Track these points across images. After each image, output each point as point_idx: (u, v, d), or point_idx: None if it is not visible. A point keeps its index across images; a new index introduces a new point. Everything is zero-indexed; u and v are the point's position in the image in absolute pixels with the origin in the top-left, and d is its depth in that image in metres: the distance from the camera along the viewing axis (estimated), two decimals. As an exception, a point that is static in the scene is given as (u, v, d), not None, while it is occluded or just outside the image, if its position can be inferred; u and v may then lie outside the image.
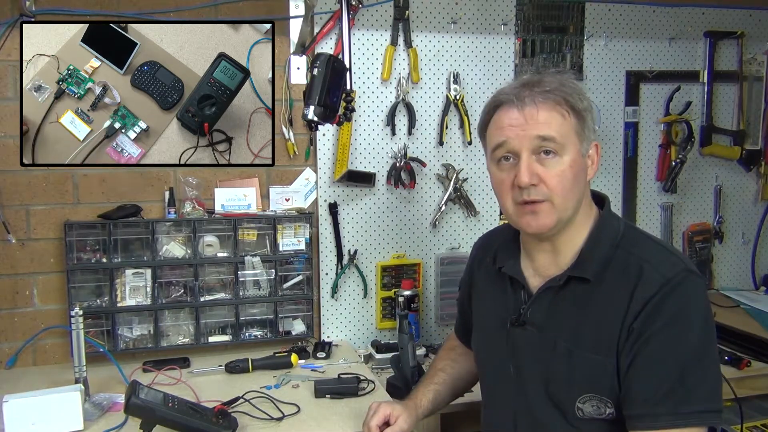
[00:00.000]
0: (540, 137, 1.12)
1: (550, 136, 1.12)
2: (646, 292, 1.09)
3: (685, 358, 1.06)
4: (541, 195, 1.13)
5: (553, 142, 1.12)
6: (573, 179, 1.14)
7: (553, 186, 1.13)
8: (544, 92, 1.14)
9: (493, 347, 1.30)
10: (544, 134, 1.12)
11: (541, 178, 1.13)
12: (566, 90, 1.15)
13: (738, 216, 2.62)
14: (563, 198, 1.13)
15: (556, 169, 1.13)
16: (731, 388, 1.62)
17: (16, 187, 1.90)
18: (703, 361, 1.07)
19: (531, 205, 1.14)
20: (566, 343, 1.16)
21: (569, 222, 1.18)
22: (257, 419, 1.54)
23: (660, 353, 1.07)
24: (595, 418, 1.14)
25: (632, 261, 1.13)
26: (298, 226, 2.04)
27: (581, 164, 1.16)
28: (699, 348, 1.07)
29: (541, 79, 1.17)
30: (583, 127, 1.16)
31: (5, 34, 1.84)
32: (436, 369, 1.53)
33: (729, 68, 2.52)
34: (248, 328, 2.05)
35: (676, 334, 1.07)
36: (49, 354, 1.96)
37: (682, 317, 1.07)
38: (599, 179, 2.41)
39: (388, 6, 2.11)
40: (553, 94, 1.14)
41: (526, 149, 1.13)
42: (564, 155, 1.13)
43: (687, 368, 1.06)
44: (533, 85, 1.15)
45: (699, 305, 1.09)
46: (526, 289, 1.25)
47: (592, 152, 1.20)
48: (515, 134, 1.14)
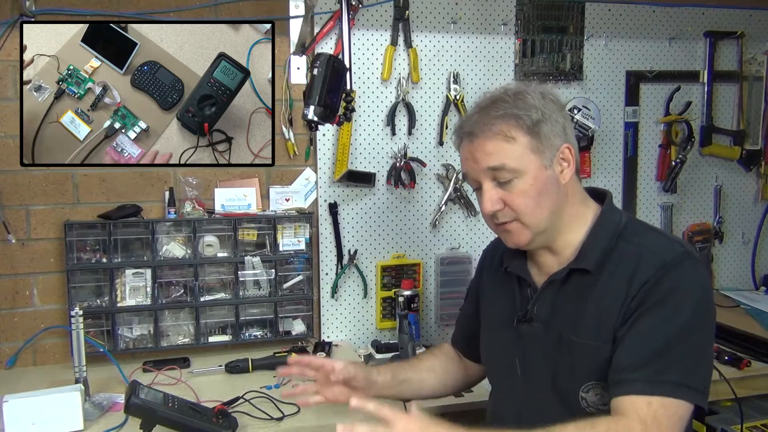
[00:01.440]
0: (491, 168, 1.16)
1: (500, 166, 1.15)
2: (644, 275, 1.11)
3: (671, 334, 1.06)
4: (508, 217, 1.18)
5: (504, 170, 1.15)
6: (537, 194, 1.16)
7: (516, 206, 1.16)
8: (493, 118, 1.15)
9: (502, 345, 1.31)
10: (494, 165, 1.15)
11: (505, 202, 1.17)
12: (518, 107, 1.15)
13: (738, 216, 2.61)
14: (531, 215, 1.17)
15: (517, 189, 1.16)
16: (731, 388, 1.62)
17: (16, 187, 1.90)
18: (692, 338, 1.07)
19: (503, 225, 1.20)
20: (569, 334, 1.17)
21: (554, 229, 1.19)
22: (257, 419, 1.54)
23: (648, 326, 1.08)
24: (600, 408, 1.14)
25: (632, 249, 1.15)
26: (298, 226, 2.04)
27: (546, 176, 1.16)
28: (688, 326, 1.07)
29: (495, 100, 1.18)
30: (540, 140, 1.15)
31: (5, 34, 1.84)
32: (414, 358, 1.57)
33: (729, 68, 2.52)
34: (248, 328, 2.05)
35: (667, 311, 1.08)
36: (49, 354, 1.96)
37: (676, 295, 1.08)
38: (599, 179, 2.41)
39: (388, 6, 2.11)
40: (501, 119, 1.15)
41: (484, 179, 1.18)
42: (522, 176, 1.15)
43: (672, 343, 1.06)
44: (487, 109, 1.17)
45: (695, 285, 1.10)
46: (531, 287, 1.26)
47: (561, 157, 1.18)
48: (471, 167, 1.20)
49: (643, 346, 1.08)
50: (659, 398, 1.04)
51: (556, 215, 1.19)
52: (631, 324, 1.10)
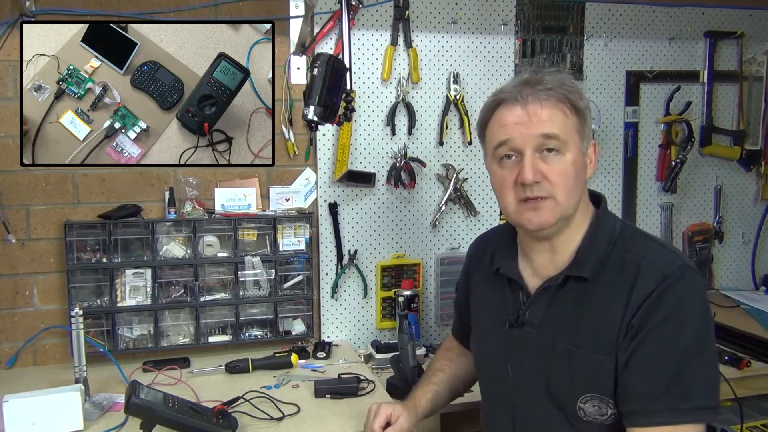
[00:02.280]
0: (544, 135, 1.12)
1: (554, 134, 1.12)
2: (644, 289, 1.09)
3: (682, 354, 1.06)
4: (544, 192, 1.13)
5: (557, 139, 1.12)
6: (575, 177, 1.14)
7: (556, 183, 1.13)
8: (547, 90, 1.14)
9: (493, 349, 1.30)
10: (549, 132, 1.12)
11: (545, 175, 1.12)
12: (567, 88, 1.15)
13: (738, 216, 2.62)
14: (566, 195, 1.14)
15: (560, 166, 1.13)
16: (731, 388, 1.62)
17: (16, 187, 1.90)
18: (701, 357, 1.07)
19: (534, 201, 1.14)
20: (566, 343, 1.16)
21: (568, 220, 1.18)
22: (257, 419, 1.54)
23: (657, 349, 1.07)
24: (597, 418, 1.14)
25: (629, 259, 1.14)
26: (298, 226, 2.04)
27: (582, 163, 1.17)
28: (697, 344, 1.07)
29: (541, 77, 1.16)
30: (584, 126, 1.16)
31: (5, 34, 1.84)
32: (434, 369, 1.53)
33: (729, 68, 2.52)
34: (248, 328, 2.05)
35: (673, 330, 1.07)
36: (49, 354, 1.96)
37: (680, 313, 1.07)
38: (599, 179, 2.41)
39: (388, 6, 2.11)
40: (555, 92, 1.14)
41: (530, 147, 1.13)
42: (567, 153, 1.14)
43: (684, 364, 1.06)
44: (535, 83, 1.15)
45: (697, 301, 1.09)
46: (524, 290, 1.24)
47: (591, 151, 1.20)
48: (518, 132, 1.13)
49: (656, 371, 1.07)
50: (682, 426, 1.05)
51: (577, 206, 1.17)
52: (638, 345, 1.08)
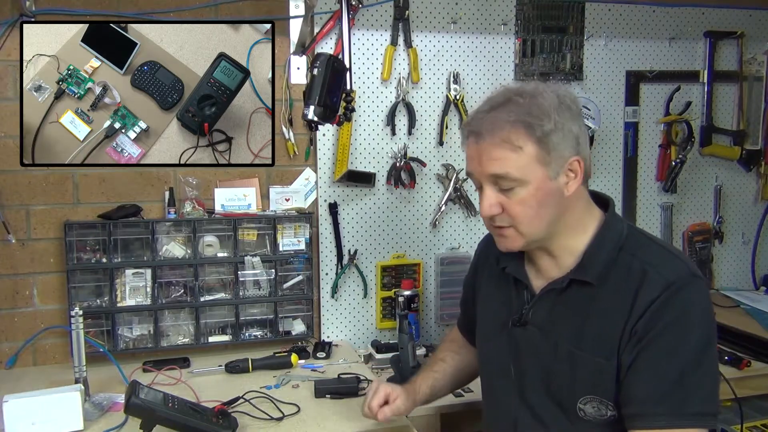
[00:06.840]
0: (494, 175, 1.13)
1: (503, 174, 1.12)
2: (649, 295, 1.09)
3: (685, 361, 1.06)
4: (505, 222, 1.16)
5: (507, 179, 1.12)
6: (538, 205, 1.13)
7: (515, 215, 1.14)
8: (503, 122, 1.11)
9: (495, 347, 1.31)
10: (498, 173, 1.12)
11: (504, 207, 1.15)
12: (531, 113, 1.10)
13: (738, 216, 2.62)
14: (528, 225, 1.15)
15: (517, 198, 1.13)
16: (731, 388, 1.62)
17: (16, 187, 1.90)
18: (703, 364, 1.07)
19: (498, 229, 1.18)
20: (568, 345, 1.16)
21: (551, 235, 1.18)
22: (257, 419, 1.54)
23: (660, 355, 1.07)
24: (596, 418, 1.14)
25: (636, 264, 1.13)
26: (298, 226, 2.04)
27: (549, 188, 1.13)
28: (699, 351, 1.07)
29: (508, 100, 1.13)
30: (549, 152, 1.11)
31: (5, 34, 1.84)
32: (436, 358, 1.55)
33: (729, 68, 2.52)
34: (248, 328, 2.05)
35: (677, 336, 1.07)
36: (49, 354, 1.96)
37: (684, 320, 1.07)
38: (599, 179, 2.41)
39: (388, 6, 2.11)
40: (511, 126, 1.10)
41: (486, 182, 1.15)
42: (524, 186, 1.12)
43: (687, 370, 1.06)
44: (498, 109, 1.13)
45: (701, 309, 1.09)
46: (529, 290, 1.25)
47: (574, 166, 1.14)
48: (474, 168, 1.17)
49: (658, 376, 1.07)
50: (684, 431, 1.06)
51: (554, 225, 1.17)
52: (641, 350, 1.08)
